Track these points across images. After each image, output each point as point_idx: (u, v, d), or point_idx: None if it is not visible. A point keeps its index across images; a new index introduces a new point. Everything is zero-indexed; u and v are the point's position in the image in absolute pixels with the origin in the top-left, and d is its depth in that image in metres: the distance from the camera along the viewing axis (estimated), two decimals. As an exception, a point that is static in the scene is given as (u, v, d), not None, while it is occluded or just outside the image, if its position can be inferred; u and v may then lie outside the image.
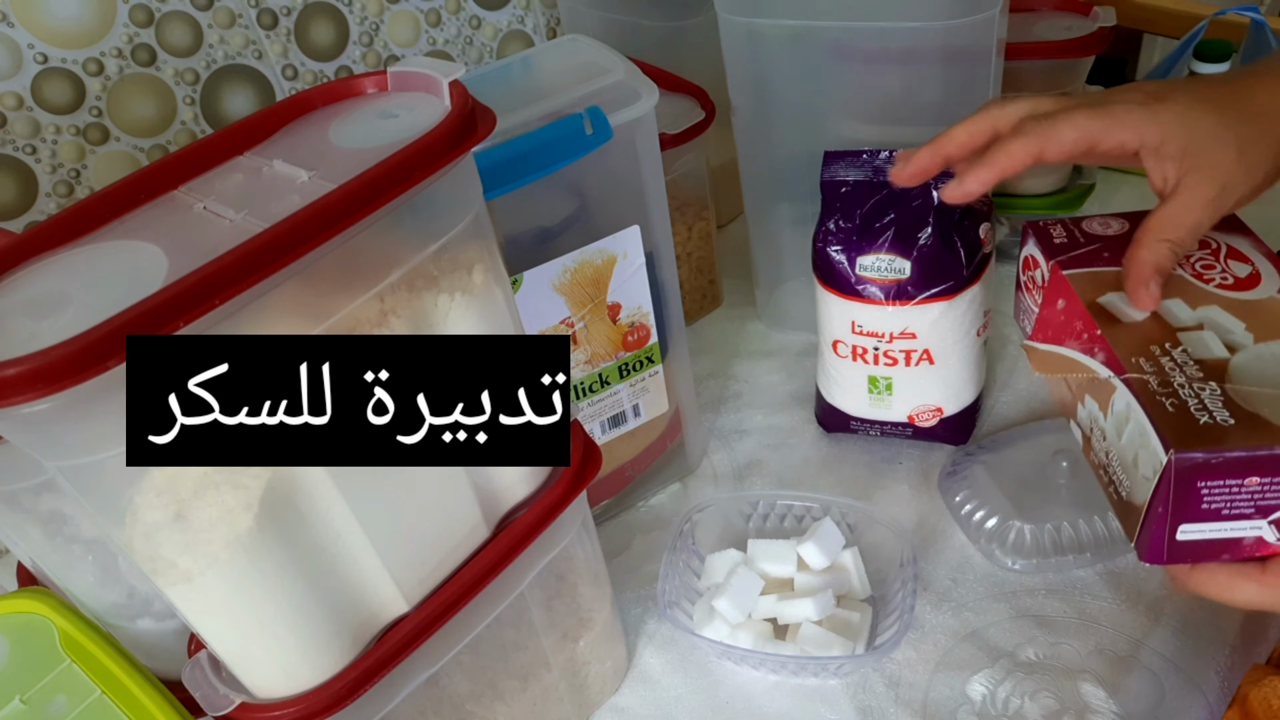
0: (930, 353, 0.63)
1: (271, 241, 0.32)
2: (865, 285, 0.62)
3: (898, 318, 0.62)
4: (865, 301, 0.63)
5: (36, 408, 0.29)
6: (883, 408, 0.67)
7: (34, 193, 0.70)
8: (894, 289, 0.61)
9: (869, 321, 0.63)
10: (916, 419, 0.67)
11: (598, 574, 0.54)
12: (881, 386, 0.66)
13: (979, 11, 0.63)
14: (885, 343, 0.63)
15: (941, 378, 0.65)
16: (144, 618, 0.53)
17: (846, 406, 0.69)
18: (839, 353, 0.66)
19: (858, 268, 0.62)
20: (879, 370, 0.65)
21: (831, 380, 0.69)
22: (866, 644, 0.57)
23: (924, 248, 0.61)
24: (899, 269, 0.61)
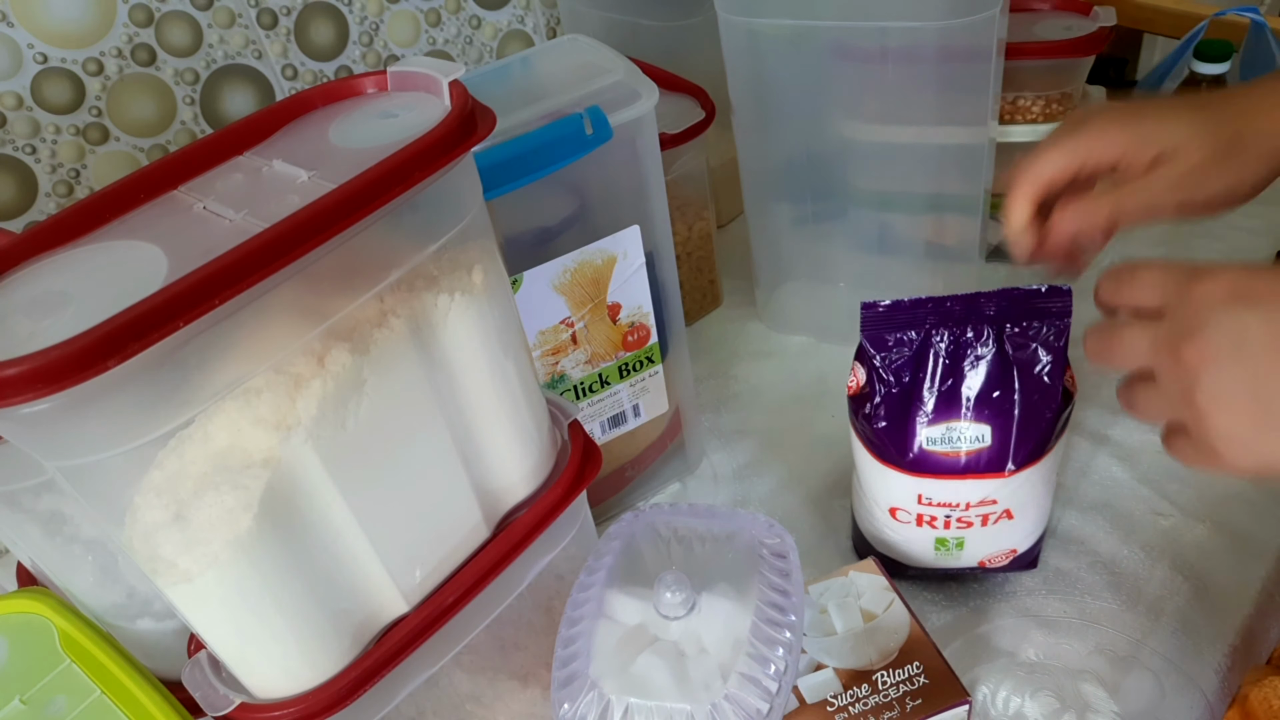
0: (1012, 511, 0.55)
1: (271, 241, 0.32)
2: (934, 460, 0.53)
3: (977, 489, 0.53)
4: (936, 477, 0.53)
5: (36, 408, 0.29)
6: (950, 560, 0.58)
7: (34, 193, 0.70)
8: (971, 462, 0.53)
9: (940, 494, 0.54)
10: (988, 562, 0.58)
11: (598, 574, 0.54)
12: (951, 545, 0.57)
13: (979, 11, 0.63)
14: (960, 511, 0.54)
15: (1021, 528, 0.56)
16: (144, 618, 0.53)
17: (902, 556, 0.59)
18: (899, 519, 0.57)
19: (924, 441, 0.53)
20: (950, 534, 0.56)
21: (886, 535, 0.59)
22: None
23: (1007, 413, 0.51)
24: (977, 438, 0.52)
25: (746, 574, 0.47)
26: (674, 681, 0.43)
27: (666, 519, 0.50)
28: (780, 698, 0.43)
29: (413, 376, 0.40)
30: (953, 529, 0.55)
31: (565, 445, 0.50)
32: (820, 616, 0.51)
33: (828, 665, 0.48)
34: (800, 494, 0.69)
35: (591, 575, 0.48)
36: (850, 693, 0.47)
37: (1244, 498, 0.63)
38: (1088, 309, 0.45)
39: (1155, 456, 0.67)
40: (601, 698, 0.42)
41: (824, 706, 0.47)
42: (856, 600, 0.52)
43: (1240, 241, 0.85)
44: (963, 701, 0.46)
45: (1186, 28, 0.91)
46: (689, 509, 0.51)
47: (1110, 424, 0.70)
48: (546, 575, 0.50)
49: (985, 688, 0.54)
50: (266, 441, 0.35)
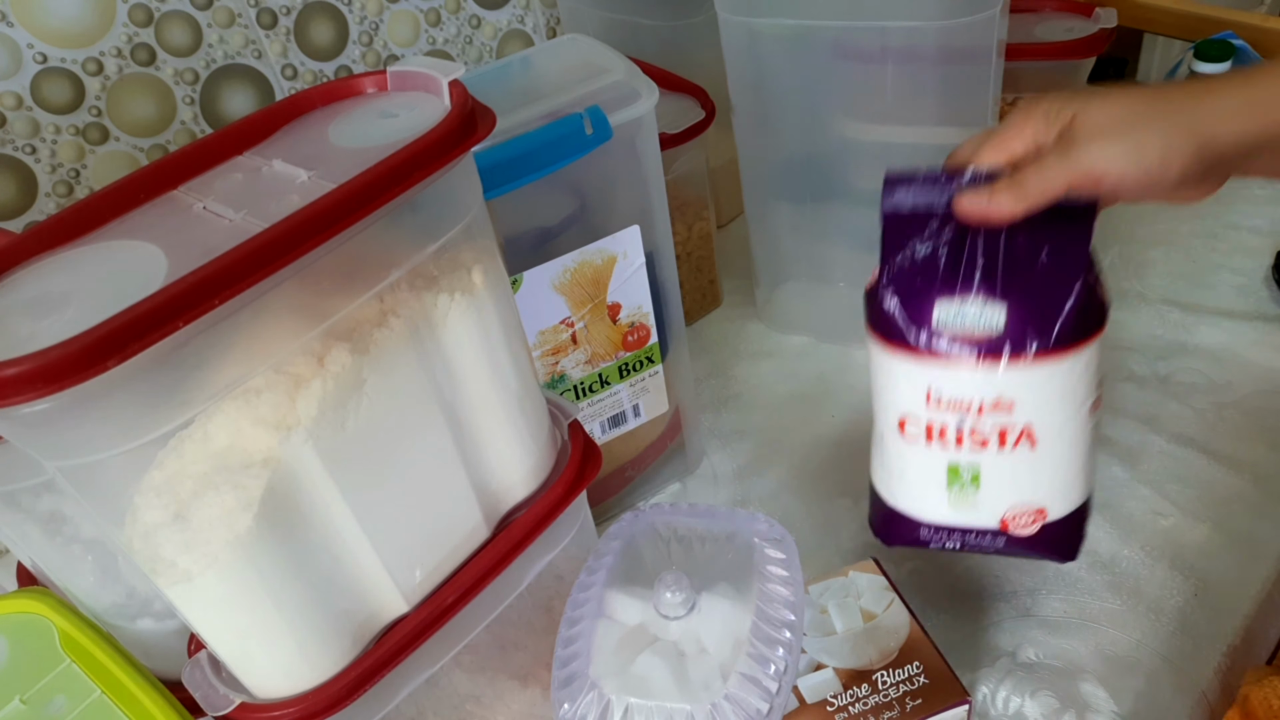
0: (1032, 431, 0.47)
1: (271, 241, 0.32)
2: (945, 341, 0.47)
3: (990, 383, 0.47)
4: (946, 361, 0.47)
5: (36, 408, 0.29)
6: (966, 508, 0.50)
7: (34, 193, 0.70)
8: (985, 345, 0.46)
9: (951, 388, 0.47)
10: (1012, 524, 0.49)
11: (598, 574, 0.54)
12: (966, 478, 0.49)
13: (979, 11, 0.63)
14: (972, 416, 0.47)
15: (1046, 467, 0.48)
16: (144, 618, 0.53)
17: (915, 510, 0.51)
18: (907, 434, 0.49)
19: (935, 319, 0.47)
20: (963, 456, 0.48)
21: (894, 475, 0.51)
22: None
23: (1026, 289, 0.46)
24: (992, 319, 0.46)
25: (746, 574, 0.47)
26: (674, 681, 0.43)
27: (666, 519, 0.50)
28: (780, 698, 0.43)
29: (413, 376, 0.40)
30: (966, 448, 0.48)
31: (565, 445, 0.50)
32: (820, 616, 0.51)
33: (828, 665, 0.48)
34: (800, 494, 0.69)
35: (591, 575, 0.48)
36: (850, 693, 0.47)
37: (1245, 498, 0.63)
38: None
39: (1155, 457, 0.67)
40: (601, 698, 0.42)
41: (824, 706, 0.47)
42: (856, 600, 0.52)
43: (1241, 240, 0.85)
44: (963, 701, 0.46)
45: (1187, 28, 0.91)
46: (689, 509, 0.51)
47: (1110, 424, 0.70)
48: (546, 575, 0.50)
49: (985, 688, 0.54)
50: (266, 441, 0.35)
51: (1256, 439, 0.67)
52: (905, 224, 0.49)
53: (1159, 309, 0.80)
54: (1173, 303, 0.80)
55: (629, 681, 0.43)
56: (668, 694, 0.42)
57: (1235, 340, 0.75)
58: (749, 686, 0.42)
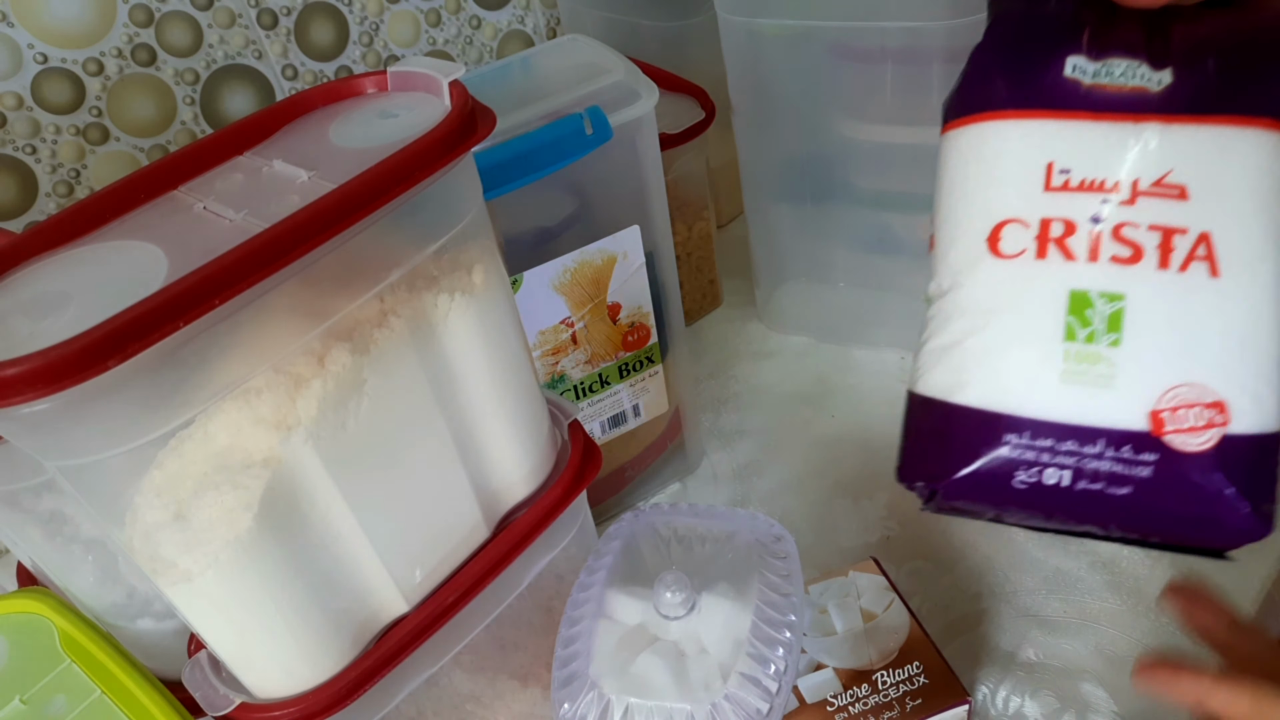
0: (1213, 245, 0.30)
1: (271, 241, 0.32)
2: (1082, 92, 0.32)
3: (1149, 146, 0.30)
4: (1084, 115, 0.32)
5: (36, 408, 0.29)
6: (1093, 384, 0.30)
7: (34, 193, 0.70)
8: (1143, 97, 0.31)
9: (1088, 156, 0.31)
10: (1170, 422, 0.30)
11: (598, 574, 0.54)
12: (1099, 317, 0.30)
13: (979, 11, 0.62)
14: (1117, 204, 0.31)
15: (1237, 316, 0.30)
16: (144, 618, 0.53)
17: (1000, 397, 0.32)
18: (1004, 248, 0.32)
19: (1069, 68, 0.32)
20: (1096, 276, 0.31)
21: (972, 334, 0.33)
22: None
23: (1206, 43, 0.31)
24: (1152, 77, 0.31)
25: (746, 574, 0.47)
26: (674, 681, 0.43)
27: (666, 519, 0.50)
28: (780, 698, 0.43)
29: (413, 376, 0.40)
30: (1103, 262, 0.30)
31: (565, 445, 0.50)
32: (820, 616, 0.51)
33: (828, 665, 0.49)
34: (800, 494, 0.69)
35: (591, 575, 0.48)
36: (850, 693, 0.47)
37: (1244, 498, 0.63)
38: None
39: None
40: (601, 698, 0.42)
41: (824, 706, 0.47)
42: (856, 600, 0.52)
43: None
44: (963, 701, 0.47)
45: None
46: (689, 509, 0.51)
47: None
48: (546, 575, 0.50)
49: (985, 688, 0.55)
50: (267, 441, 0.35)
51: None
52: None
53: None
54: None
55: (629, 681, 0.43)
56: (668, 694, 0.42)
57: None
58: (749, 686, 0.42)
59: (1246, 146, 0.30)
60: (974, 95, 0.35)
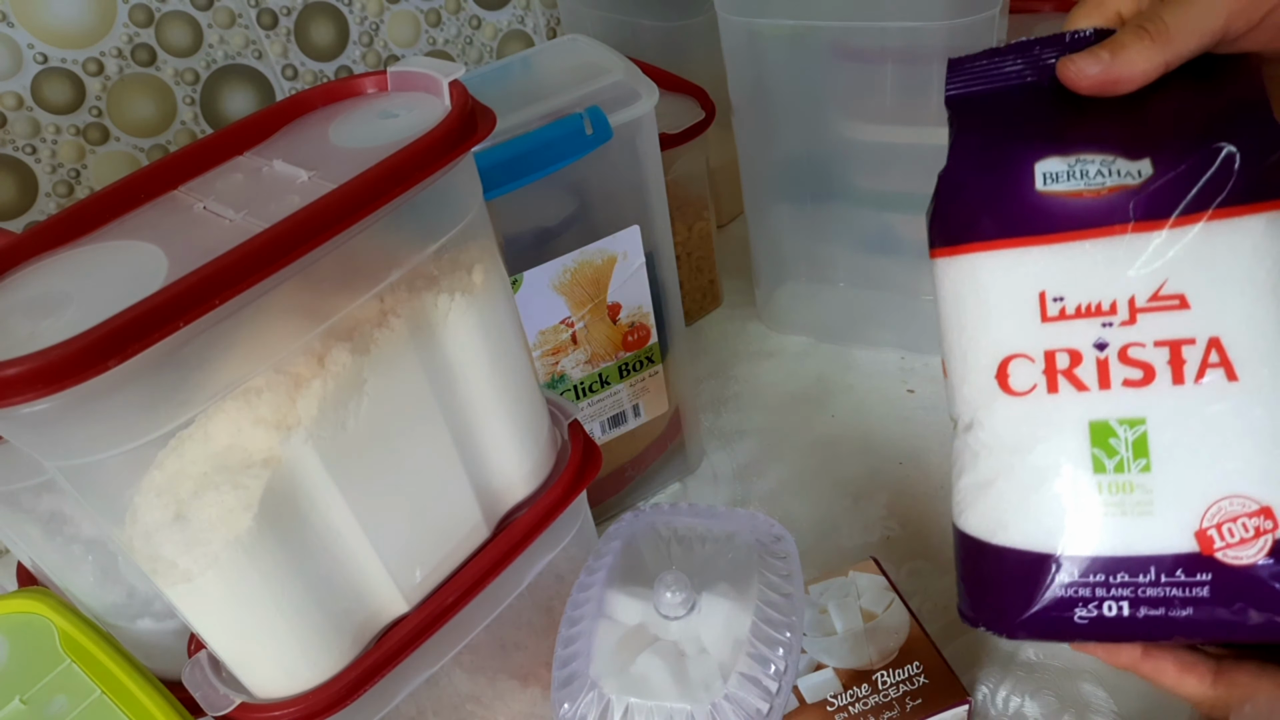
0: (1225, 348, 0.29)
1: (271, 241, 0.32)
2: (1061, 207, 0.30)
3: (1142, 259, 0.29)
4: (1066, 237, 0.30)
5: (36, 408, 0.29)
6: (1132, 513, 0.30)
7: (34, 193, 0.70)
8: (1124, 200, 0.30)
9: (1079, 280, 0.30)
10: (1219, 538, 0.29)
11: (598, 574, 0.54)
12: (1124, 444, 0.30)
13: (979, 11, 0.63)
14: (1119, 326, 0.30)
15: (1264, 417, 0.29)
16: (144, 618, 0.53)
17: (1041, 539, 0.31)
18: (1014, 385, 0.31)
19: (1042, 178, 0.31)
20: (1111, 404, 0.30)
21: (998, 477, 0.32)
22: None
23: (1181, 125, 0.30)
24: (1127, 170, 0.30)
25: (746, 574, 0.47)
26: (674, 681, 0.43)
27: (666, 519, 0.50)
28: (780, 698, 0.43)
29: (413, 376, 0.40)
30: (1116, 388, 0.29)
31: (565, 445, 0.50)
32: (820, 616, 0.51)
33: (828, 665, 0.49)
34: (800, 494, 0.69)
35: (591, 575, 0.48)
36: (850, 693, 0.47)
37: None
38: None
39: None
40: (601, 698, 0.42)
41: (824, 706, 0.47)
42: (856, 600, 0.52)
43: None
44: (963, 701, 0.47)
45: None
46: (689, 509, 0.51)
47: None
48: (546, 575, 0.50)
49: (985, 688, 0.55)
50: (267, 441, 0.35)
51: None
52: (977, 108, 0.35)
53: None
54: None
55: (629, 681, 0.43)
56: (668, 694, 0.42)
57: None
58: (749, 686, 0.42)
59: (1237, 237, 0.29)
60: (951, 224, 0.33)
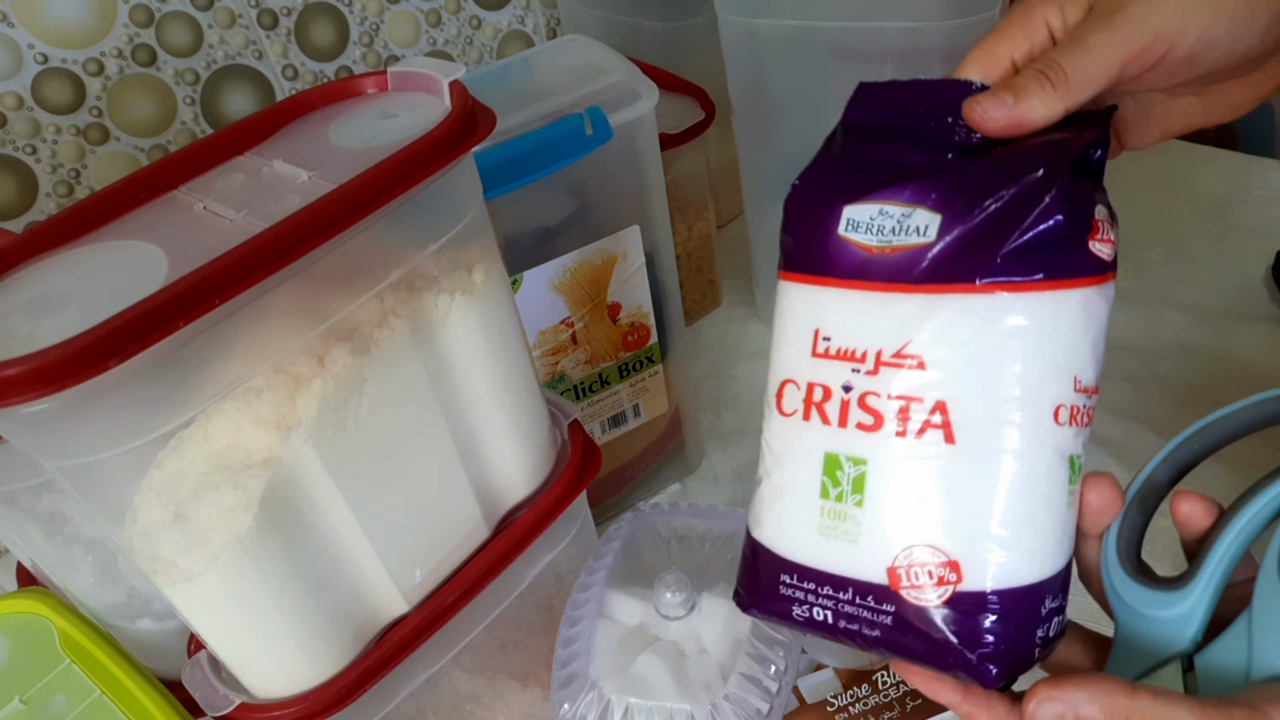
0: (948, 413, 0.32)
1: (271, 241, 0.32)
2: (850, 254, 0.33)
3: (892, 316, 0.32)
4: (841, 284, 0.33)
5: (36, 408, 0.29)
6: (842, 538, 0.33)
7: (34, 193, 0.70)
8: (897, 261, 0.32)
9: (843, 325, 0.33)
10: (905, 578, 0.32)
11: (598, 574, 0.54)
12: (846, 478, 0.33)
13: (979, 11, 0.63)
14: (865, 373, 0.33)
15: (966, 482, 0.32)
16: (144, 618, 0.53)
17: (780, 541, 0.35)
18: (785, 406, 0.36)
19: (845, 224, 0.33)
20: (844, 441, 0.33)
21: (765, 478, 0.36)
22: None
23: (979, 192, 0.31)
24: (918, 226, 0.32)
25: (746, 574, 0.47)
26: (674, 681, 0.43)
27: (666, 519, 0.50)
28: (780, 698, 0.43)
29: (413, 376, 0.40)
30: (851, 426, 0.33)
31: (565, 445, 0.50)
32: None
33: (828, 665, 0.49)
34: (800, 494, 0.69)
35: (591, 575, 0.48)
36: (850, 693, 0.47)
37: (1244, 498, 0.63)
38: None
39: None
40: (601, 698, 0.42)
41: (824, 706, 0.47)
42: (856, 600, 0.52)
43: (1241, 240, 0.85)
44: None
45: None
46: (689, 509, 0.51)
47: (1110, 424, 0.70)
48: (546, 575, 0.50)
49: (985, 688, 0.54)
50: (267, 441, 0.35)
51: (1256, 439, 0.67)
52: (853, 135, 0.37)
53: (1159, 309, 0.80)
54: (1172, 303, 0.80)
55: (629, 681, 0.43)
56: (668, 694, 0.42)
57: (1235, 340, 0.75)
58: (749, 686, 0.42)
59: (977, 313, 0.31)
60: (782, 247, 0.36)
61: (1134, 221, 0.90)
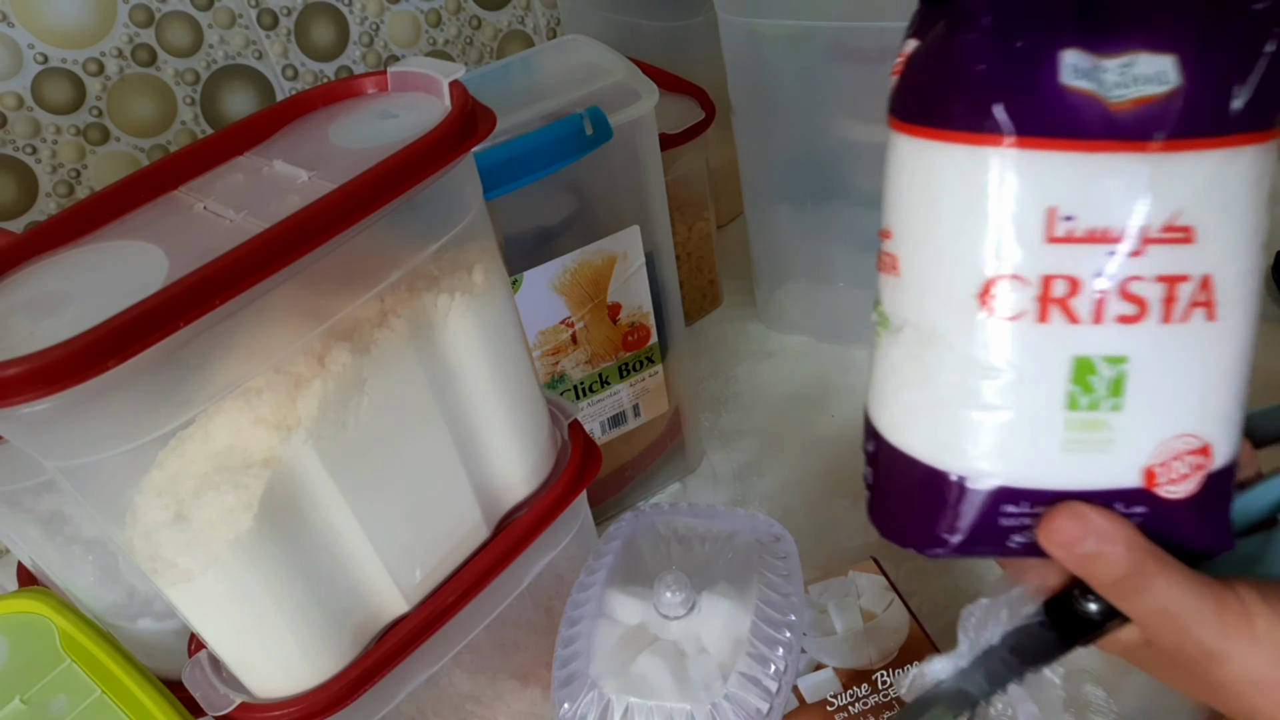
0: (1214, 289, 0.28)
1: (271, 241, 0.32)
2: (1087, 109, 0.27)
3: (1158, 186, 0.28)
4: (1091, 146, 0.28)
5: (36, 408, 0.29)
6: (1094, 450, 0.29)
7: (34, 193, 0.70)
8: (1152, 113, 0.27)
9: (1098, 200, 0.28)
10: (1161, 476, 0.30)
11: (598, 574, 0.54)
12: (1103, 383, 0.29)
13: (979, 11, 0.63)
14: (1127, 259, 0.28)
15: (1228, 358, 0.29)
16: (144, 618, 0.53)
17: (1002, 469, 0.30)
18: (999, 308, 0.29)
19: (1065, 73, 0.28)
20: (1103, 340, 0.29)
21: (968, 402, 0.30)
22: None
23: (1207, 28, 0.27)
24: (1159, 75, 0.27)
25: (746, 574, 0.47)
26: (674, 681, 0.43)
27: (666, 519, 0.50)
28: (780, 697, 0.43)
29: (413, 376, 0.40)
30: (1108, 323, 0.28)
31: (565, 445, 0.50)
32: (820, 616, 0.51)
33: (828, 665, 0.49)
34: (800, 494, 0.69)
35: (591, 575, 0.48)
36: (850, 692, 0.47)
37: (1244, 498, 0.63)
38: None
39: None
40: (601, 697, 0.42)
41: (824, 706, 0.47)
42: (856, 600, 0.52)
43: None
44: None
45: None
46: (689, 509, 0.51)
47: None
48: (546, 575, 0.50)
49: (985, 688, 0.54)
50: (267, 441, 0.35)
51: (1256, 439, 0.67)
52: None
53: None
54: (1173, 303, 0.80)
55: (629, 681, 0.43)
56: (668, 694, 0.42)
57: (1235, 340, 0.75)
58: (749, 686, 0.42)
59: (1244, 166, 0.28)
60: (947, 97, 0.30)
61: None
